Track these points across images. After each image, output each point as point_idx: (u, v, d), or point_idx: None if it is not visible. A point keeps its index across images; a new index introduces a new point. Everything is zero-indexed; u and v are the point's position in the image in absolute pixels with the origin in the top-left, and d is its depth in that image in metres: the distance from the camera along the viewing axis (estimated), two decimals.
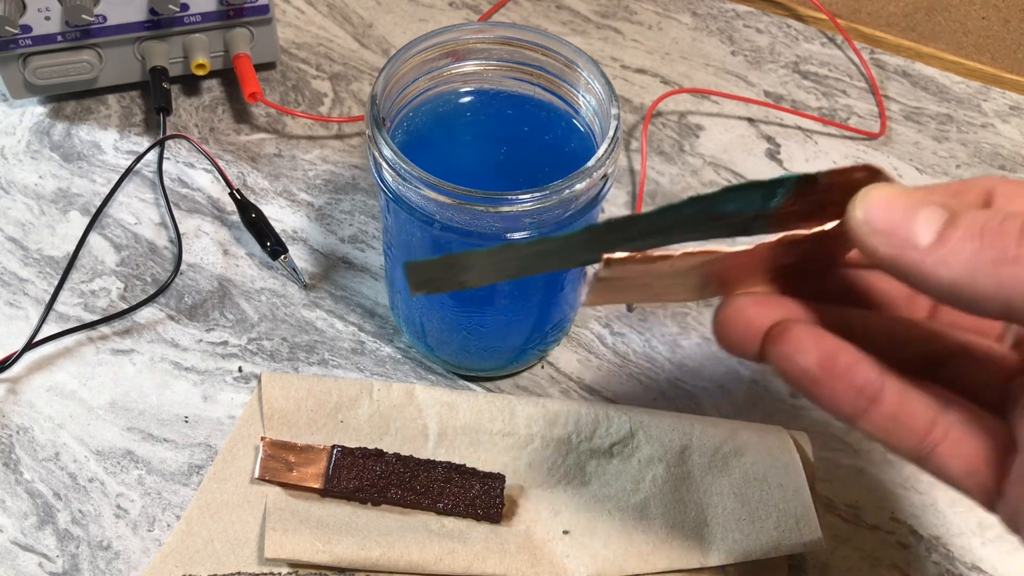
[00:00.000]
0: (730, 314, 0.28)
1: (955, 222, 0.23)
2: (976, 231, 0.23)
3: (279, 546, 0.38)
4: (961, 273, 0.23)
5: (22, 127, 0.54)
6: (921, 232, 0.23)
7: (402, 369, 0.46)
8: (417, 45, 0.39)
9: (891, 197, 0.24)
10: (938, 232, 0.23)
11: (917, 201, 0.24)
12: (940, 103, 0.60)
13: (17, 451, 0.42)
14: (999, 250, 0.22)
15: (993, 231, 0.22)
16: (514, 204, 0.35)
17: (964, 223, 0.23)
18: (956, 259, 0.23)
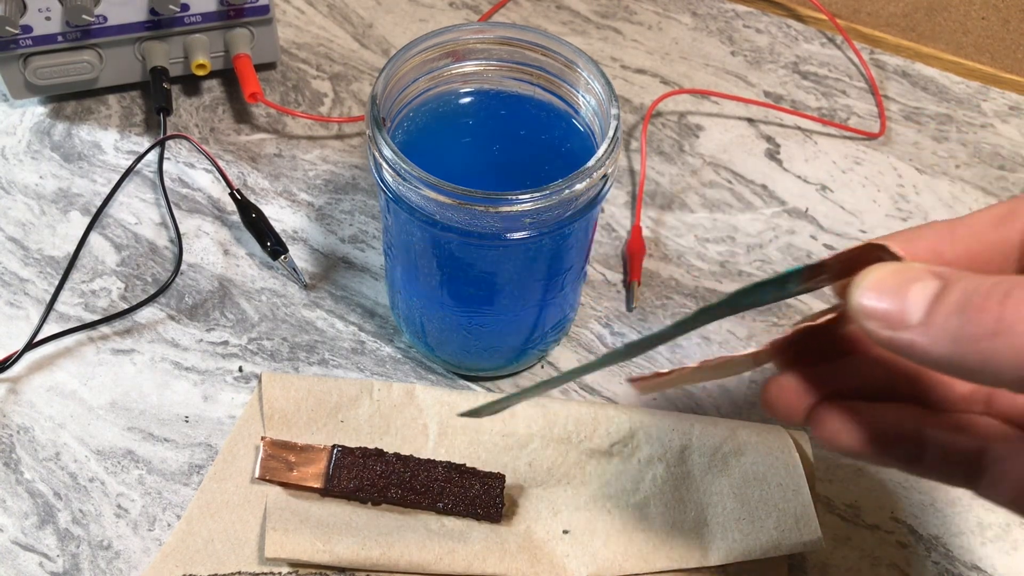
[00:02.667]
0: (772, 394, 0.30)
1: (943, 296, 0.23)
2: (961, 305, 0.23)
3: (279, 546, 0.38)
4: (949, 349, 0.23)
5: (23, 127, 0.54)
6: (912, 310, 0.24)
7: (402, 369, 0.46)
8: (417, 45, 0.39)
9: (883, 279, 0.24)
10: (926, 309, 0.23)
11: (910, 278, 0.24)
12: (940, 103, 0.60)
13: (18, 451, 0.42)
14: (979, 325, 0.22)
15: (976, 305, 0.23)
16: (514, 204, 0.35)
17: (951, 297, 0.23)
18: (943, 335, 0.23)
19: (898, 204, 0.54)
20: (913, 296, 0.24)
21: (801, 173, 0.55)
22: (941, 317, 0.23)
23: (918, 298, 0.24)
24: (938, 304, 0.23)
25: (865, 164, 0.56)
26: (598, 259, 0.51)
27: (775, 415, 0.30)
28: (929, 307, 0.23)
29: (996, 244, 0.27)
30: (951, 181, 0.55)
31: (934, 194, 0.55)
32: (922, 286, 0.24)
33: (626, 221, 0.52)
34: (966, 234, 0.27)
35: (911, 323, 0.24)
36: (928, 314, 0.23)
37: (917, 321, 0.24)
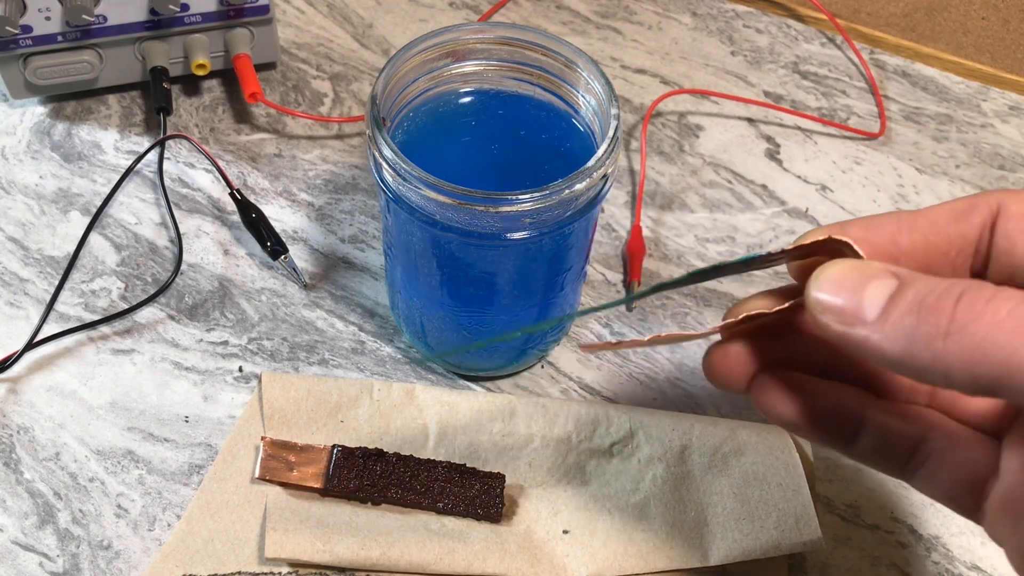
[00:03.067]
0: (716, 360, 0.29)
1: (899, 295, 0.24)
2: (916, 305, 0.23)
3: (279, 546, 0.38)
4: (902, 347, 0.23)
5: (23, 127, 0.54)
6: (867, 307, 0.24)
7: (402, 369, 0.46)
8: (417, 45, 0.39)
9: (842, 274, 0.25)
10: (882, 307, 0.24)
11: (868, 275, 0.24)
12: (940, 103, 0.60)
13: (18, 451, 0.42)
14: (933, 325, 0.23)
15: (930, 305, 0.23)
16: (514, 204, 0.35)
17: (907, 296, 0.23)
18: (897, 334, 0.23)
19: (898, 204, 0.54)
20: (870, 293, 0.24)
21: (801, 173, 0.55)
22: (896, 315, 0.23)
23: (875, 296, 0.24)
24: (894, 303, 0.24)
25: (865, 164, 0.56)
26: (598, 259, 0.51)
27: (717, 382, 0.30)
28: (885, 305, 0.24)
29: (953, 237, 0.28)
30: (951, 181, 0.55)
31: (934, 194, 0.55)
32: (879, 284, 0.24)
33: (626, 221, 0.52)
34: (925, 226, 0.28)
35: (866, 320, 0.24)
36: (884, 312, 0.24)
37: (872, 318, 0.24)
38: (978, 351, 0.22)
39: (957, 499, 0.28)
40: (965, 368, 0.22)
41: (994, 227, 0.28)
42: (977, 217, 0.28)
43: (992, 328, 0.22)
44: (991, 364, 0.22)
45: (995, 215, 0.28)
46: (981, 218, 0.28)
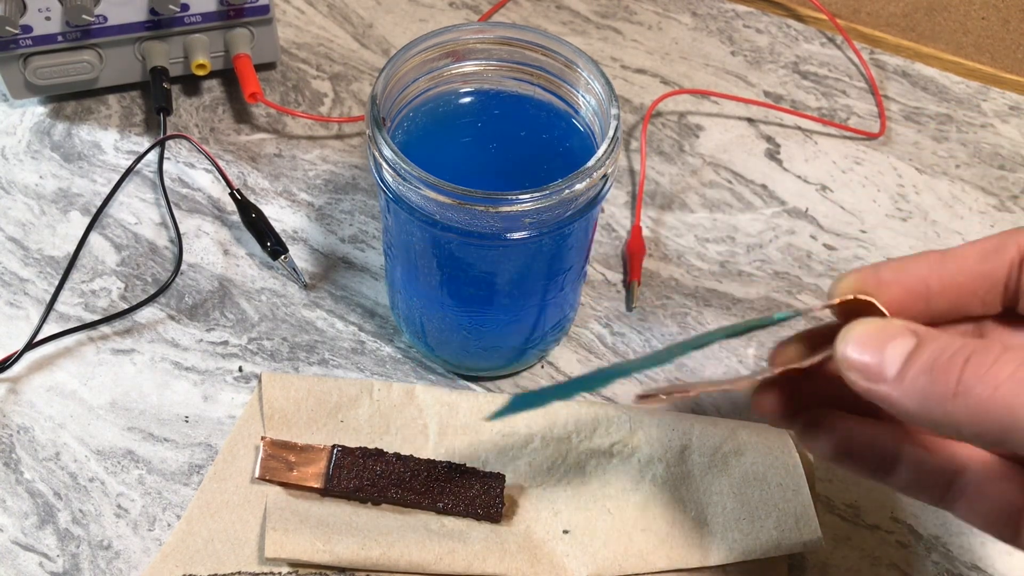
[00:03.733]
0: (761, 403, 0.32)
1: (915, 355, 0.26)
2: (929, 365, 0.25)
3: (279, 546, 0.38)
4: (918, 404, 0.26)
5: (23, 127, 0.54)
6: (888, 366, 0.26)
7: (402, 369, 0.46)
8: (417, 45, 0.39)
9: (866, 333, 0.27)
10: (900, 366, 0.26)
11: (889, 335, 0.27)
12: (940, 103, 0.60)
13: (18, 451, 0.42)
14: (943, 385, 0.25)
15: (941, 366, 0.25)
16: (514, 204, 0.35)
17: (922, 356, 0.26)
18: (913, 392, 0.26)
19: (898, 204, 0.54)
20: (890, 352, 0.26)
21: (801, 173, 0.55)
22: (912, 375, 0.26)
23: (894, 355, 0.26)
24: (910, 362, 0.26)
25: (865, 164, 0.56)
26: (598, 259, 0.51)
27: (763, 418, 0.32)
28: (903, 364, 0.26)
29: (982, 277, 0.29)
30: (951, 181, 0.55)
31: (934, 194, 0.55)
32: (898, 344, 0.26)
33: (626, 221, 0.52)
34: (954, 267, 0.29)
35: (887, 377, 0.26)
36: (901, 371, 0.26)
37: (892, 376, 0.26)
38: (982, 410, 0.24)
39: (996, 528, 0.29)
40: (972, 425, 0.24)
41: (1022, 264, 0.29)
42: (1005, 255, 0.29)
43: (995, 389, 0.24)
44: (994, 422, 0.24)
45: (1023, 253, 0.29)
46: (1009, 256, 0.29)
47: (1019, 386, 0.24)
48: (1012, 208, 0.54)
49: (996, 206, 0.54)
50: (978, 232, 0.53)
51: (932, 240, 0.52)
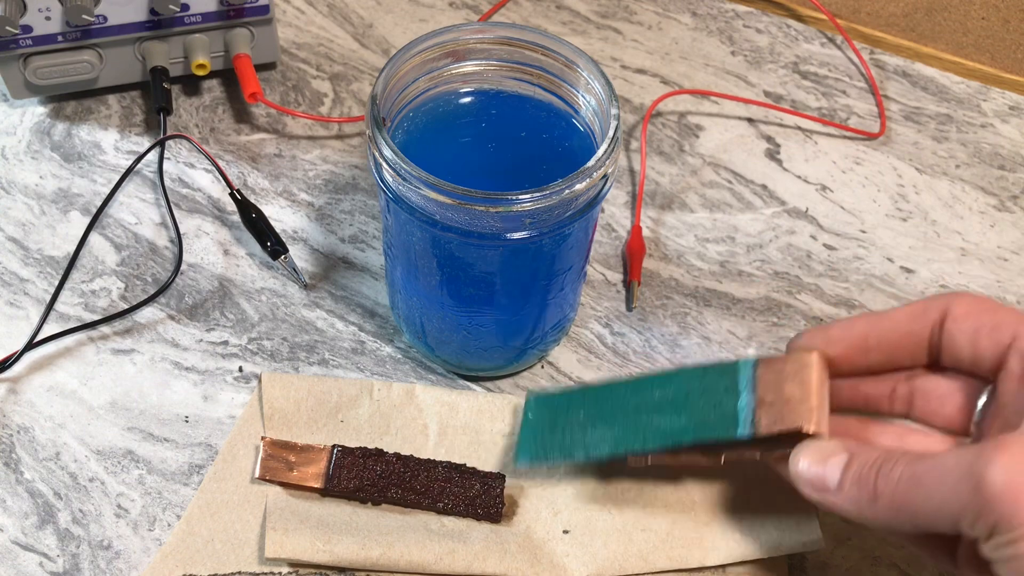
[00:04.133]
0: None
1: (848, 468, 0.32)
2: (856, 477, 0.32)
3: (279, 546, 0.38)
4: (855, 510, 0.32)
5: (23, 127, 0.54)
6: (829, 479, 0.32)
7: (402, 369, 0.46)
8: (417, 45, 0.39)
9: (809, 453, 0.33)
10: (839, 480, 0.32)
11: (828, 453, 0.33)
12: (940, 103, 0.60)
13: (18, 451, 0.42)
14: (866, 492, 0.31)
15: (863, 477, 0.31)
16: (514, 204, 0.35)
17: (851, 471, 0.32)
18: (849, 500, 0.32)
19: (898, 204, 0.54)
20: (830, 468, 0.32)
21: (801, 173, 0.55)
22: (846, 487, 0.32)
23: (833, 470, 0.32)
24: (844, 476, 0.32)
25: (865, 164, 0.56)
26: (598, 259, 0.51)
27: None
28: (840, 478, 0.32)
29: (910, 336, 0.35)
30: (951, 181, 0.55)
31: (934, 194, 0.55)
32: (835, 460, 0.32)
33: (626, 221, 0.52)
34: (888, 326, 0.35)
35: (830, 488, 0.32)
36: (839, 484, 0.32)
37: (834, 487, 0.32)
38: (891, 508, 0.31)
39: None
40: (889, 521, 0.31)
41: (943, 326, 0.34)
42: (928, 318, 0.35)
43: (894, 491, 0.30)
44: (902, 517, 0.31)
45: (944, 316, 0.34)
46: (931, 319, 0.35)
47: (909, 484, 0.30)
48: (1012, 208, 0.54)
49: (996, 206, 0.54)
50: (978, 232, 0.53)
51: (932, 240, 0.52)
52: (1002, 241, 0.53)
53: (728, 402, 0.36)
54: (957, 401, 0.35)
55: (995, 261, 0.52)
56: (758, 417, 0.35)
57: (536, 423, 0.40)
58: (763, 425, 0.34)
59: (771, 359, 0.36)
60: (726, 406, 0.36)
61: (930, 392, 0.36)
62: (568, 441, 0.39)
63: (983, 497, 0.28)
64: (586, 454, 0.38)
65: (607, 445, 0.38)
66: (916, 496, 0.30)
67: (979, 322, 0.34)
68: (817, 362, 0.35)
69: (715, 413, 0.36)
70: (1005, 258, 0.52)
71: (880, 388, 0.37)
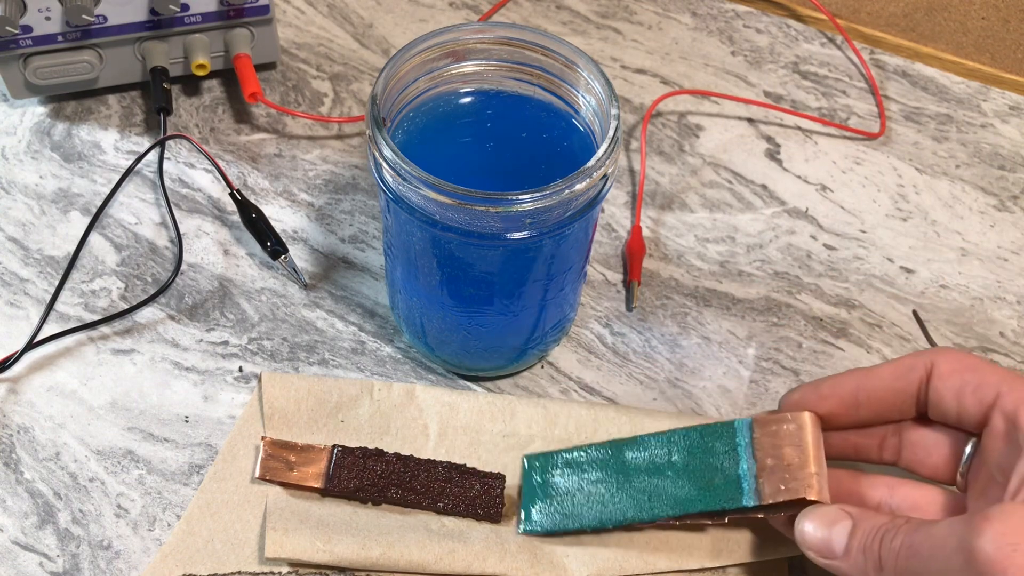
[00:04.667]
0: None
1: (853, 536, 0.33)
2: (862, 546, 0.33)
3: (279, 545, 0.38)
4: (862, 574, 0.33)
5: (23, 127, 0.54)
6: (836, 546, 0.34)
7: (402, 369, 0.46)
8: (417, 45, 0.39)
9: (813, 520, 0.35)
10: (844, 546, 0.34)
11: (832, 520, 0.34)
12: (940, 103, 0.60)
13: (18, 451, 0.42)
14: (874, 562, 0.32)
15: (869, 547, 0.33)
16: (514, 204, 0.35)
17: (857, 537, 0.33)
18: (855, 566, 0.33)
19: (898, 204, 0.54)
20: (835, 534, 0.34)
21: (801, 173, 0.55)
22: (853, 554, 0.33)
23: (839, 536, 0.34)
24: (851, 543, 0.33)
25: (865, 164, 0.56)
26: (598, 259, 0.51)
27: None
28: (847, 543, 0.33)
29: (898, 393, 0.36)
30: (951, 181, 0.55)
31: (934, 194, 0.55)
32: (841, 527, 0.34)
33: (626, 221, 0.52)
34: (876, 383, 0.37)
35: (837, 554, 0.34)
36: (846, 550, 0.33)
37: (840, 553, 0.34)
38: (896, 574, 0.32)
39: None
40: None
41: (929, 383, 0.36)
42: (915, 375, 0.36)
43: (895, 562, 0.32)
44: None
45: (929, 373, 0.36)
46: (918, 376, 0.36)
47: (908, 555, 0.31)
48: (1012, 208, 0.54)
49: (996, 206, 0.54)
50: (978, 232, 0.53)
51: (932, 240, 0.52)
52: (1002, 241, 0.53)
53: (729, 467, 0.37)
54: (944, 452, 0.37)
55: (995, 261, 0.52)
56: (761, 485, 0.36)
57: (537, 489, 0.40)
58: (767, 494, 0.36)
59: (766, 419, 0.37)
60: (728, 471, 0.37)
61: (917, 443, 0.37)
62: (574, 511, 0.39)
63: (975, 568, 0.29)
64: (594, 524, 0.39)
65: (616, 515, 0.38)
66: (916, 566, 0.31)
67: (963, 380, 0.35)
68: (811, 422, 0.37)
69: (718, 479, 0.37)
70: (1005, 258, 0.52)
71: (870, 439, 0.38)
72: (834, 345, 0.48)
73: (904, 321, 0.49)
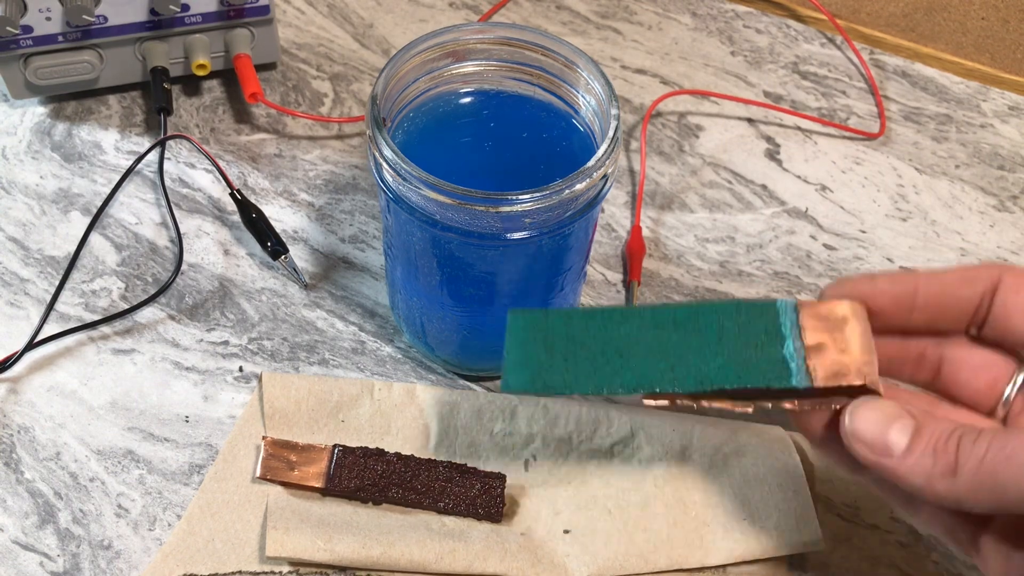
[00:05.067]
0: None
1: (918, 435, 0.30)
2: (932, 447, 0.30)
3: (280, 545, 0.38)
4: (923, 480, 0.30)
5: (23, 127, 0.54)
6: (894, 444, 0.30)
7: (402, 369, 0.46)
8: (417, 45, 0.39)
9: (871, 413, 0.31)
10: (906, 446, 0.30)
11: (892, 416, 0.31)
12: (939, 103, 0.60)
13: (18, 451, 0.42)
14: (946, 465, 0.29)
15: (942, 448, 0.29)
16: (514, 204, 0.35)
17: (924, 438, 0.30)
18: (919, 469, 0.30)
19: (898, 204, 0.54)
20: (894, 433, 0.30)
21: (801, 173, 0.55)
22: (916, 455, 0.30)
23: (899, 435, 0.30)
24: (914, 443, 0.30)
25: (865, 164, 0.56)
26: (598, 259, 0.51)
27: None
28: (908, 444, 0.30)
29: (959, 300, 0.33)
30: (951, 181, 0.55)
31: (934, 194, 0.55)
32: (901, 425, 0.30)
33: (626, 221, 0.52)
34: (938, 286, 0.33)
35: (893, 454, 0.30)
36: (907, 450, 0.30)
37: (899, 453, 0.30)
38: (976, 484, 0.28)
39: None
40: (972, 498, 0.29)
41: (993, 296, 0.33)
42: (980, 285, 0.33)
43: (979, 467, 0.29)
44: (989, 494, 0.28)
45: (996, 286, 0.33)
46: (983, 286, 0.33)
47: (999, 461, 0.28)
48: (1012, 208, 0.54)
49: (996, 206, 0.54)
50: (978, 232, 0.53)
51: (932, 240, 0.52)
52: (1002, 241, 0.53)
53: (771, 347, 0.32)
54: (990, 375, 0.33)
55: (995, 261, 0.52)
56: (812, 367, 0.31)
57: (529, 342, 0.33)
58: (819, 376, 0.31)
59: (812, 303, 0.32)
60: (770, 351, 0.32)
61: (962, 362, 0.34)
62: (573, 370, 0.32)
63: None
64: (598, 388, 0.32)
65: (627, 381, 0.32)
66: (1008, 474, 0.28)
67: None
68: (861, 311, 0.32)
69: (758, 357, 0.32)
70: (1005, 258, 0.52)
71: (907, 351, 0.34)
72: None
73: None
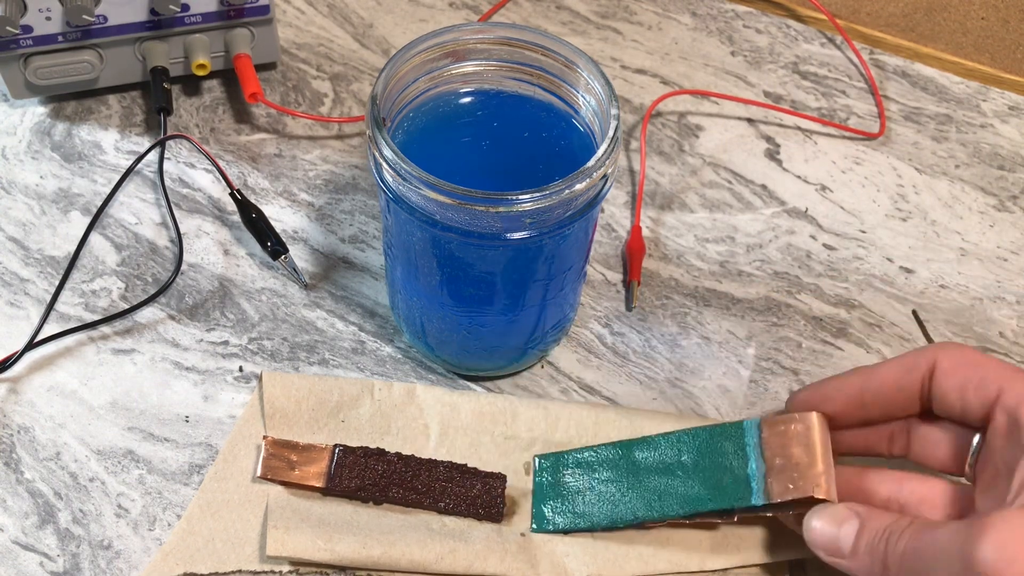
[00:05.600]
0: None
1: (860, 536, 0.34)
2: (869, 546, 0.34)
3: (281, 544, 0.38)
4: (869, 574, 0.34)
5: (23, 127, 0.54)
6: (843, 544, 0.34)
7: (402, 369, 0.46)
8: (417, 45, 0.39)
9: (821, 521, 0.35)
10: (851, 546, 0.34)
11: (840, 519, 0.35)
12: (939, 103, 0.60)
13: (18, 451, 0.42)
14: (880, 563, 0.33)
15: (876, 548, 0.33)
16: (514, 204, 0.35)
17: (864, 538, 0.34)
18: (864, 566, 0.34)
19: (898, 204, 0.54)
20: (843, 533, 0.34)
21: (801, 173, 0.55)
22: (860, 553, 0.34)
23: (847, 535, 0.34)
24: (857, 543, 0.34)
25: (865, 164, 0.56)
26: (598, 259, 0.51)
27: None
28: (853, 543, 0.34)
29: (902, 390, 0.37)
30: (951, 181, 0.55)
31: (934, 194, 0.55)
32: (849, 526, 0.34)
33: (626, 221, 0.52)
34: (880, 382, 0.37)
35: (844, 553, 0.34)
36: (852, 549, 0.34)
37: (848, 553, 0.34)
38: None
39: None
40: None
41: (931, 379, 0.36)
42: (917, 373, 0.36)
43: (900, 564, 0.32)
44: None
45: (932, 369, 0.36)
46: (920, 373, 0.36)
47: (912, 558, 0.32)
48: (1011, 208, 0.54)
49: (996, 206, 0.54)
50: (978, 232, 0.53)
51: (932, 240, 0.52)
52: (1002, 241, 0.53)
53: (738, 467, 0.37)
54: (951, 446, 0.37)
55: (994, 261, 0.52)
56: (769, 485, 0.36)
57: (548, 489, 0.41)
58: (775, 493, 0.36)
59: (773, 420, 0.37)
60: (737, 471, 0.37)
61: (925, 437, 0.38)
62: (585, 510, 0.40)
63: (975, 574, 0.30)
64: (605, 523, 0.39)
65: (626, 514, 0.39)
66: (919, 569, 0.32)
67: (965, 377, 0.35)
68: (819, 422, 0.37)
69: (727, 478, 0.37)
70: (1004, 258, 0.52)
71: (879, 435, 0.39)
72: (834, 345, 0.48)
73: (903, 321, 0.49)
